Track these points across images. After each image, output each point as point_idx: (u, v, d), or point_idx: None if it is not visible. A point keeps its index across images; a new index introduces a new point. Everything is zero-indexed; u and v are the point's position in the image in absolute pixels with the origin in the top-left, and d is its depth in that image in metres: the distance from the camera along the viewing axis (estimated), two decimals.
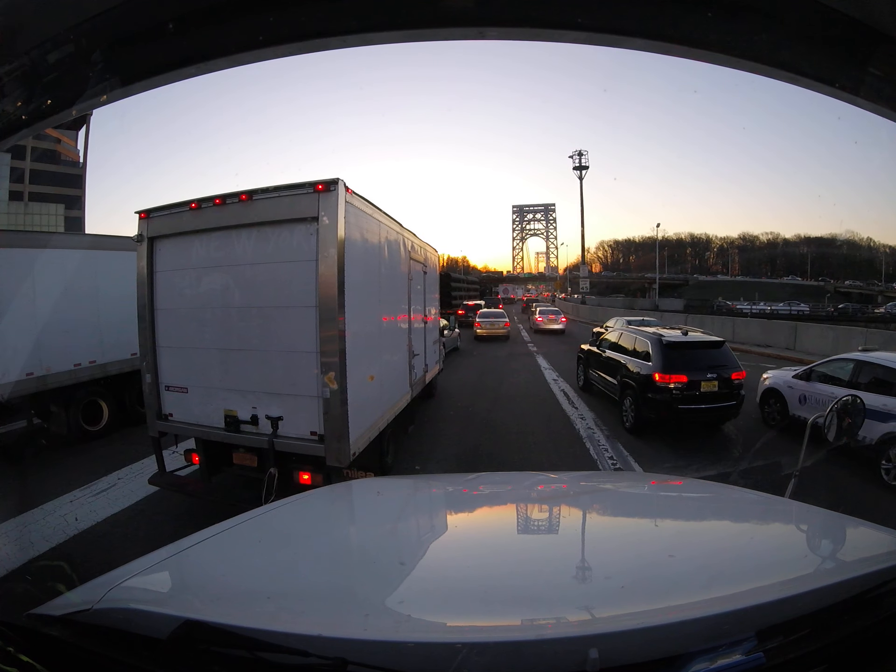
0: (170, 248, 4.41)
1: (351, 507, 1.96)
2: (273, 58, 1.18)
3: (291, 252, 3.88)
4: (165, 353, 4.53)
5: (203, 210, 4.15)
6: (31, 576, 3.51)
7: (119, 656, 0.90)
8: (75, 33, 0.97)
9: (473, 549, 1.44)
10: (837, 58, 1.06)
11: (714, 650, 0.84)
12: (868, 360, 6.34)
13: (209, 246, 4.21)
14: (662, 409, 6.92)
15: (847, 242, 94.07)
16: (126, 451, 6.59)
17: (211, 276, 4.24)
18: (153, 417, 4.58)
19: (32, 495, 5.06)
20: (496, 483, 2.25)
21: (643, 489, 2.12)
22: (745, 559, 1.27)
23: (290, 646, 0.82)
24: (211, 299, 4.24)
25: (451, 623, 0.98)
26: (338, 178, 3.72)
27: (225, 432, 4.19)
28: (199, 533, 1.42)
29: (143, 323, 4.54)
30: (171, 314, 4.46)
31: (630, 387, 7.57)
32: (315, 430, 3.92)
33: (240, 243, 4.07)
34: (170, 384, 4.52)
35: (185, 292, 4.34)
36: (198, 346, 4.34)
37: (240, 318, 4.15)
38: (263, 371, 4.07)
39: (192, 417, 4.42)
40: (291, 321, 3.93)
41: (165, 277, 4.45)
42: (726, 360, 7.22)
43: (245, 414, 4.13)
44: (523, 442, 6.89)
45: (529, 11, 1.09)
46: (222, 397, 4.23)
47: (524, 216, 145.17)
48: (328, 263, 3.70)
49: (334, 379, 3.80)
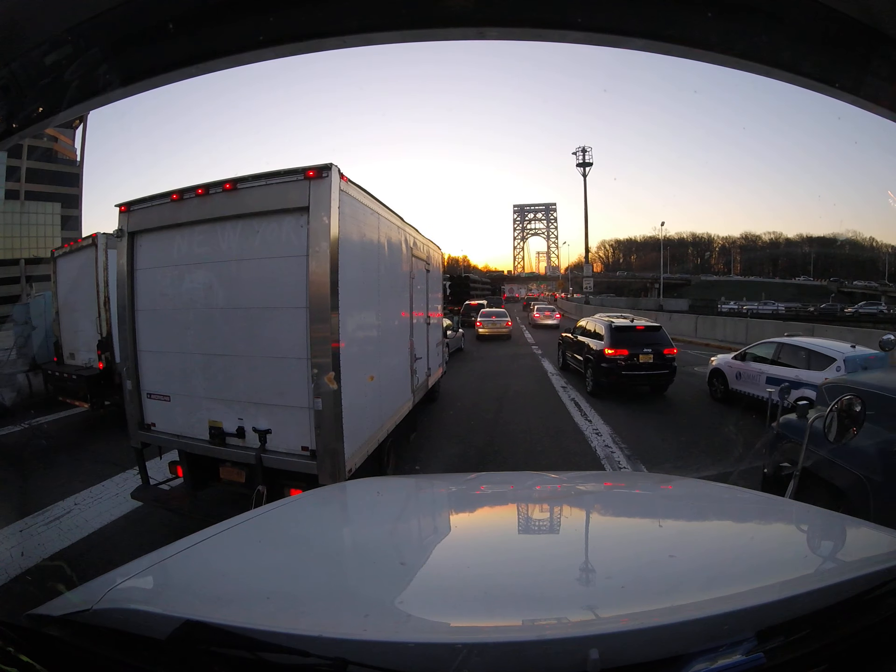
0: (151, 244, 4.03)
1: (351, 507, 1.96)
2: (273, 58, 1.18)
3: (280, 247, 3.48)
4: (147, 357, 4.14)
5: (185, 201, 3.74)
6: (31, 576, 3.51)
7: (119, 656, 0.90)
8: (75, 34, 0.98)
9: (474, 549, 1.44)
10: (837, 58, 1.06)
11: (714, 650, 0.84)
12: (786, 342, 8.14)
13: (192, 241, 3.81)
14: (611, 374, 9.55)
15: (849, 242, 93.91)
16: None
17: (194, 274, 3.83)
18: (135, 427, 4.21)
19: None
20: (496, 483, 2.25)
21: (644, 489, 2.12)
22: (746, 559, 1.27)
23: (290, 646, 0.82)
24: (194, 299, 3.84)
25: (451, 623, 0.98)
26: (331, 163, 3.31)
27: (210, 445, 3.81)
28: (199, 533, 1.42)
29: (124, 325, 4.19)
30: (153, 315, 4.09)
31: (590, 360, 10.20)
32: (306, 444, 3.53)
33: (224, 237, 3.68)
34: (152, 392, 4.14)
35: (167, 292, 3.95)
36: (180, 350, 3.94)
37: (224, 320, 3.74)
38: (250, 379, 3.68)
39: (176, 428, 4.03)
40: (279, 324, 3.55)
41: (146, 276, 4.07)
42: (661, 340, 9.73)
43: (231, 426, 3.75)
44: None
45: (529, 11, 1.09)
46: (206, 407, 3.85)
47: (525, 216, 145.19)
48: (320, 259, 3.32)
49: (334, 379, 3.48)
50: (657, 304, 49.07)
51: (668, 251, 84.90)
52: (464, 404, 9.32)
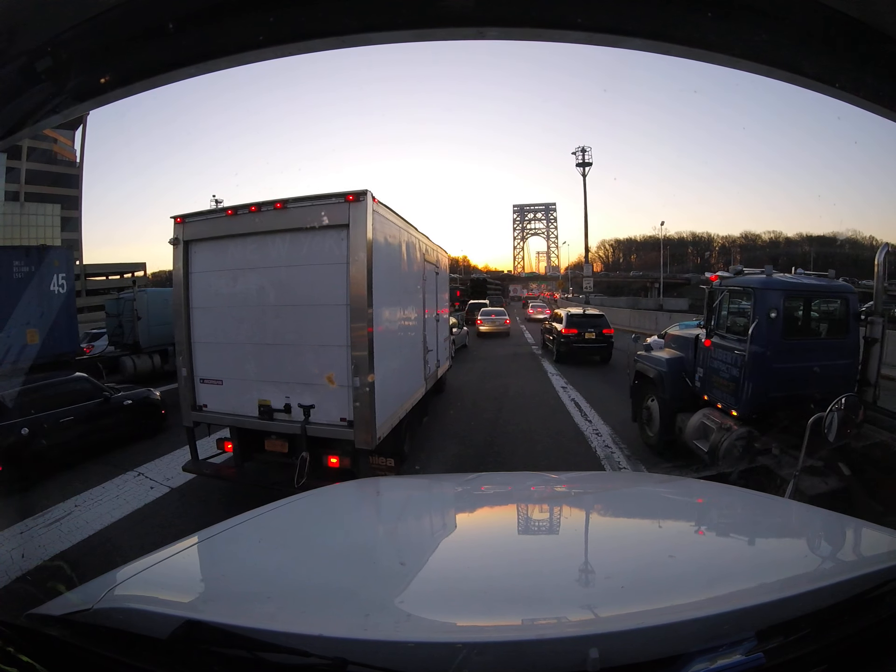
0: (205, 251, 4.74)
1: (351, 507, 1.96)
2: (273, 58, 1.18)
3: (323, 255, 4.22)
4: (200, 348, 4.84)
5: (239, 216, 4.47)
6: (31, 576, 3.51)
7: (119, 656, 0.90)
8: (75, 33, 0.97)
9: (473, 548, 1.44)
10: (837, 58, 1.06)
11: (714, 650, 0.84)
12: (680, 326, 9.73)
13: (244, 249, 4.53)
14: (567, 346, 14.62)
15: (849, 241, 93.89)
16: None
17: (246, 277, 4.56)
18: (188, 408, 4.87)
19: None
20: (496, 483, 2.25)
21: (643, 489, 2.12)
22: (745, 559, 1.27)
23: (290, 646, 0.82)
24: (247, 298, 4.55)
25: (451, 623, 0.98)
26: (366, 189, 4.10)
27: (259, 420, 4.52)
28: (198, 533, 1.42)
29: (179, 320, 4.85)
30: (207, 312, 4.79)
31: (555, 338, 15.55)
32: (345, 416, 4.26)
33: (274, 247, 4.40)
34: (205, 377, 4.84)
35: (221, 292, 4.67)
36: (233, 341, 4.65)
37: (275, 316, 4.46)
38: (297, 363, 4.39)
39: (227, 407, 4.73)
40: (323, 318, 4.28)
41: (201, 278, 4.78)
42: (602, 324, 14.84)
43: (278, 403, 4.45)
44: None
45: (529, 11, 1.09)
46: (256, 388, 4.55)
47: (525, 216, 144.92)
48: (358, 266, 4.05)
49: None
50: (657, 304, 49.03)
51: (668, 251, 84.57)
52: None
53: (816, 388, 4.35)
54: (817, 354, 4.76)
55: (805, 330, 5.07)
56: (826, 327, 5.09)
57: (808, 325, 5.11)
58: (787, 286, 4.84)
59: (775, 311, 4.58)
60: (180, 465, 5.24)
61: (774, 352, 4.62)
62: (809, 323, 5.13)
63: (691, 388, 5.74)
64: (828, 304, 5.12)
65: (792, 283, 4.94)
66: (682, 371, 5.94)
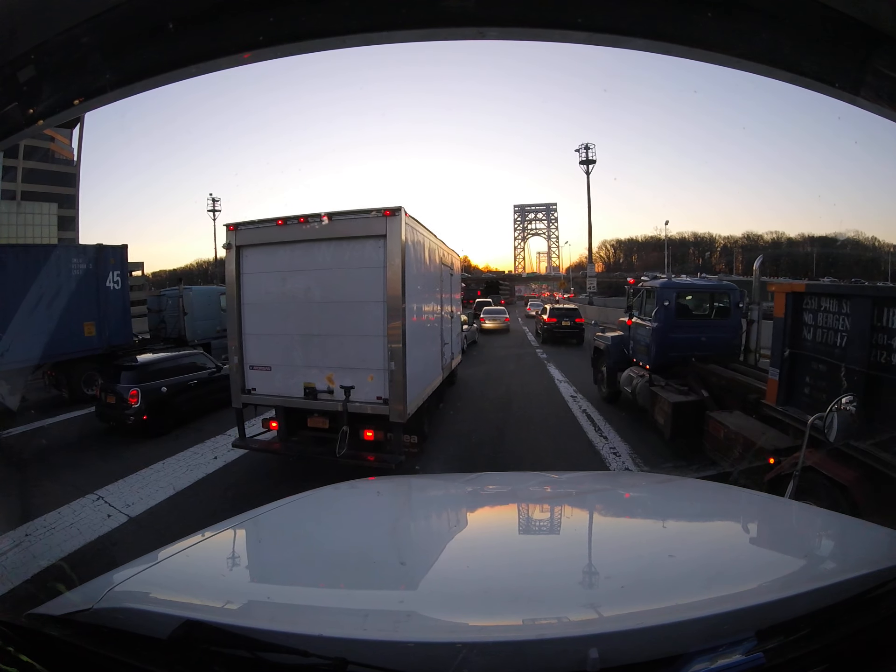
0: (256, 255, 5.50)
1: (351, 506, 1.96)
2: (273, 58, 1.18)
3: (363, 260, 5.01)
4: (251, 339, 5.60)
5: (288, 226, 5.24)
6: (31, 576, 3.52)
7: (119, 656, 0.90)
8: (75, 34, 0.97)
9: (473, 548, 1.44)
10: (837, 58, 1.06)
11: (714, 650, 0.84)
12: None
13: (293, 254, 5.31)
14: (548, 332, 20.01)
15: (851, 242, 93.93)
16: None
17: (294, 278, 5.33)
18: (238, 392, 5.63)
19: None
20: (496, 483, 2.25)
21: (643, 489, 2.12)
22: (745, 559, 1.27)
23: (290, 646, 0.82)
24: (295, 296, 5.33)
25: (451, 622, 0.98)
26: (401, 206, 4.87)
27: (304, 400, 5.30)
28: (198, 533, 1.43)
29: (232, 315, 5.64)
30: (257, 307, 5.54)
31: (541, 326, 21.12)
32: (381, 395, 5.05)
33: (320, 252, 5.19)
34: (254, 364, 5.60)
35: (271, 290, 5.43)
36: (282, 332, 5.42)
37: (320, 310, 5.25)
38: (339, 351, 5.18)
39: (275, 390, 5.52)
40: (363, 312, 5.05)
41: (252, 278, 5.54)
42: (575, 314, 20.11)
43: (322, 385, 5.22)
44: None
45: (529, 11, 1.09)
46: (302, 373, 5.32)
47: (525, 216, 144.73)
48: (394, 269, 4.83)
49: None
50: None
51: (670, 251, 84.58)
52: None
53: (705, 351, 6.79)
54: (705, 330, 7.27)
55: (693, 314, 7.69)
56: (715, 312, 7.59)
57: (696, 310, 7.80)
58: (677, 286, 7.54)
59: (668, 301, 7.11)
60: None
61: (670, 327, 7.10)
62: (697, 308, 7.83)
63: (626, 356, 8.32)
64: (719, 297, 7.54)
65: (680, 284, 7.80)
66: (621, 344, 8.60)
